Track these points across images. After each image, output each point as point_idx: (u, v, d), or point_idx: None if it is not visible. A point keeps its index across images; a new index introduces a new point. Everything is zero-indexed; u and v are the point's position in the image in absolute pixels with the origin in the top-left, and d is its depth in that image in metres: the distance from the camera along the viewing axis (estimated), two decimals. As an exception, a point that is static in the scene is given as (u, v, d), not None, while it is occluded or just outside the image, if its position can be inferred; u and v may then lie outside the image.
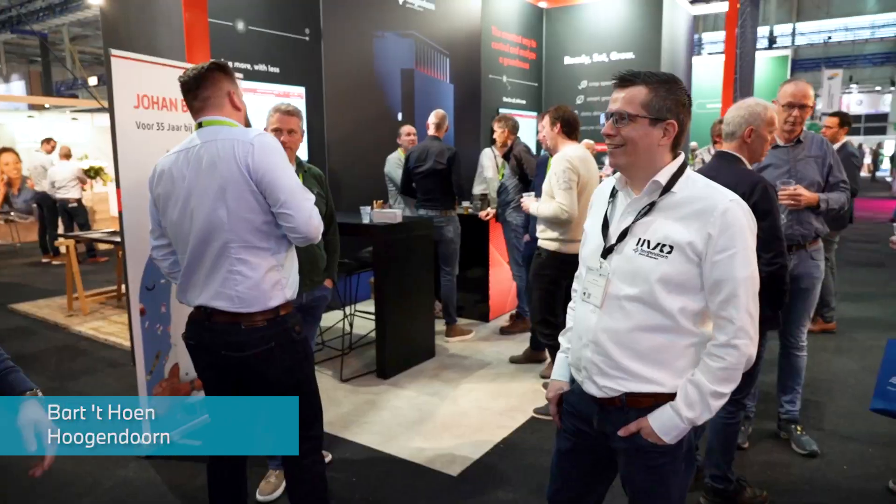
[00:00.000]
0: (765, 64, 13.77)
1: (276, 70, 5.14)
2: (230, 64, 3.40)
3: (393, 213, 4.15)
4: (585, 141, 8.07)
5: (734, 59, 7.85)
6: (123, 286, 5.96)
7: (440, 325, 4.99)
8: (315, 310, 2.98)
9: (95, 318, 5.85)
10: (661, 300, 1.39)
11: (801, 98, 2.74)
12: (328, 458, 3.01)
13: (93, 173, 10.97)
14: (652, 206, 1.44)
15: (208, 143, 1.93)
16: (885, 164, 26.95)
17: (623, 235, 1.47)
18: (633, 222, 1.46)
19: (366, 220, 4.17)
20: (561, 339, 1.73)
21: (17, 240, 10.54)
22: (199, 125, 2.01)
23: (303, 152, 5.34)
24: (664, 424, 1.42)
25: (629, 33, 8.72)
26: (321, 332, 4.80)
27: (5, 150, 10.11)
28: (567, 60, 9.24)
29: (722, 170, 2.36)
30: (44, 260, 9.01)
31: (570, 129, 3.54)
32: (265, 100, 4.88)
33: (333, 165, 5.69)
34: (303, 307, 2.72)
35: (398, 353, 4.23)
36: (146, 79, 3.05)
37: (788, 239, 2.78)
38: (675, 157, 1.47)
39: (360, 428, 3.40)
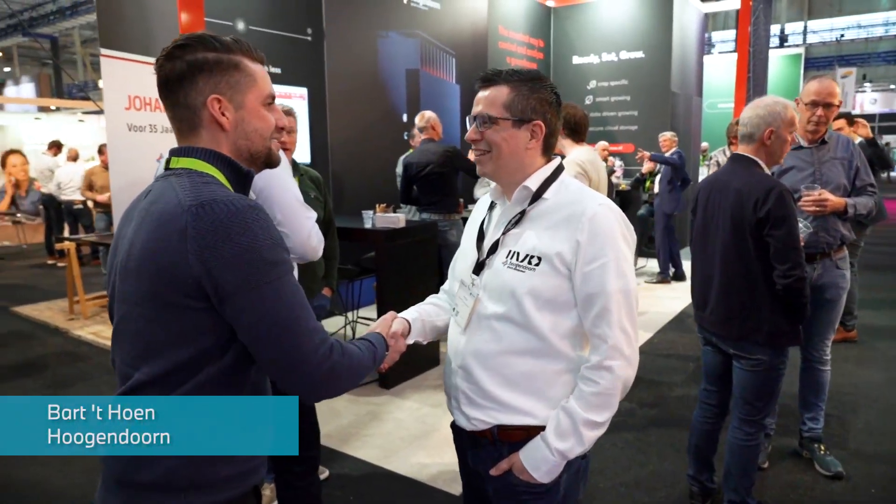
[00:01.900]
0: (777, 63, 13.55)
1: (278, 70, 5.02)
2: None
3: (395, 217, 4.02)
4: (600, 143, 7.92)
5: (747, 58, 7.65)
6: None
7: (445, 332, 4.85)
8: None
9: (96, 321, 5.76)
10: (531, 317, 1.26)
11: (826, 97, 2.57)
12: (325, 474, 2.89)
13: (98, 175, 10.94)
14: (523, 214, 1.32)
15: None
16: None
17: (494, 248, 1.34)
18: (504, 233, 1.34)
19: (368, 225, 4.05)
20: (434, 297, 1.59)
21: (23, 241, 10.53)
22: None
23: (305, 155, 5.23)
24: (534, 458, 1.27)
25: (639, 32, 8.55)
26: (323, 339, 4.67)
27: (13, 151, 10.02)
28: (576, 60, 9.09)
29: (736, 174, 2.22)
30: (49, 261, 8.96)
31: (575, 131, 3.35)
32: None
33: (336, 168, 5.57)
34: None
35: (401, 362, 3.99)
36: (139, 79, 2.96)
37: (813, 247, 2.62)
38: (548, 161, 1.35)
39: (360, 441, 3.27)
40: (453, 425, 1.46)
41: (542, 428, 1.29)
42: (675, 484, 2.77)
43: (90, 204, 9.10)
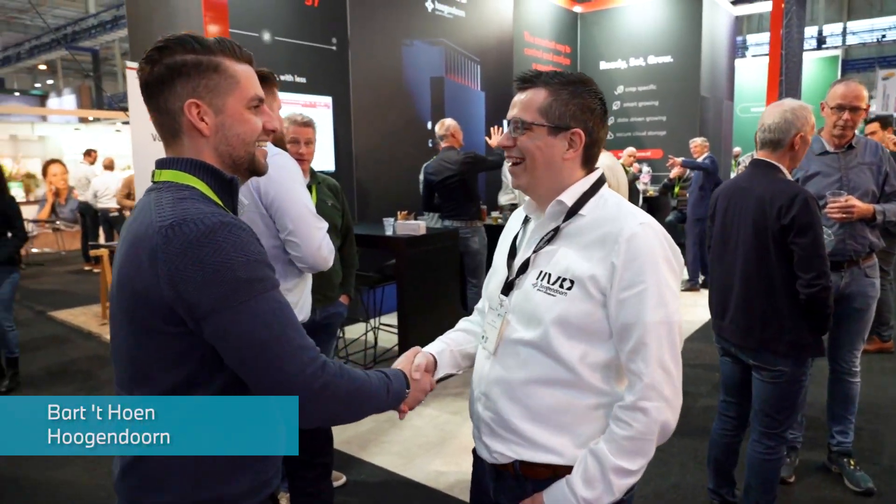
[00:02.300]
0: (813, 65, 13.22)
1: (303, 80, 5.10)
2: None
3: (416, 224, 4.04)
4: (628, 149, 7.85)
5: (779, 61, 7.49)
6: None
7: (467, 340, 4.84)
8: (329, 326, 2.86)
9: (128, 327, 5.90)
10: (558, 346, 1.15)
11: (853, 100, 2.50)
12: (342, 480, 2.90)
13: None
14: (557, 231, 1.21)
15: None
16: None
17: (525, 267, 1.24)
18: (535, 251, 1.23)
19: (388, 232, 4.07)
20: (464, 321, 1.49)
21: (62, 248, 10.89)
22: None
23: (329, 163, 5.29)
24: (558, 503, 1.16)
25: (667, 36, 8.45)
26: (346, 345, 4.71)
27: (53, 161, 10.43)
28: (603, 65, 9.02)
29: (758, 180, 2.17)
30: (85, 268, 9.24)
31: None
32: (291, 110, 4.83)
33: (361, 176, 5.62)
34: (316, 324, 2.62)
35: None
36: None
37: (840, 255, 2.55)
38: (588, 173, 1.24)
39: (378, 448, 3.28)
40: (475, 453, 1.38)
41: (570, 468, 1.17)
42: (696, 497, 2.70)
43: (126, 213, 9.37)
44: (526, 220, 1.36)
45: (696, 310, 5.99)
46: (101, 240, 8.98)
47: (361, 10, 5.52)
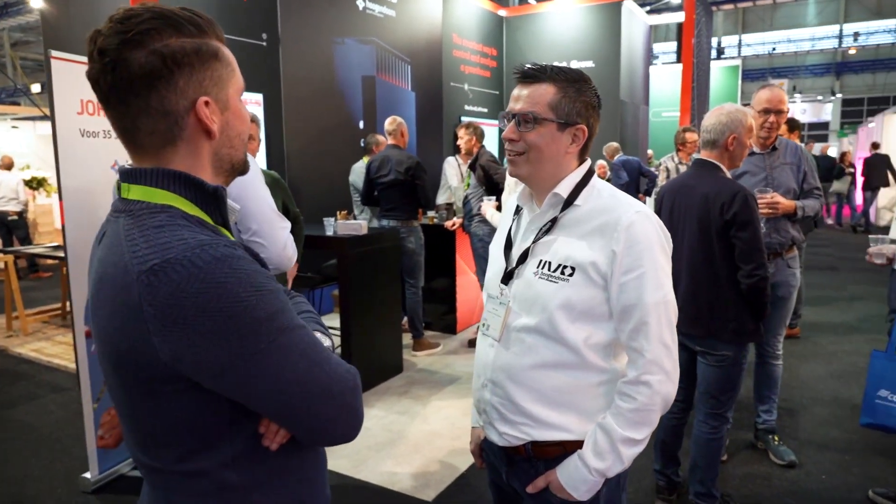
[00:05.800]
0: (716, 73, 14.15)
1: (232, 76, 4.91)
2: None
3: (358, 224, 4.00)
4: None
5: (692, 69, 7.97)
6: (68, 303, 5.61)
7: (407, 339, 4.84)
8: None
9: (37, 338, 5.48)
10: (563, 331, 1.21)
11: (777, 104, 2.72)
12: (294, 486, 2.83)
13: (35, 184, 10.46)
14: (554, 222, 1.27)
15: None
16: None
17: (524, 257, 1.29)
18: (534, 241, 1.28)
19: (329, 232, 4.01)
20: None
21: (-49, 255, 9.92)
22: None
23: (262, 162, 5.13)
24: (572, 477, 1.23)
25: (588, 42, 8.79)
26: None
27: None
28: (528, 69, 9.25)
29: (702, 178, 2.31)
30: (-19, 276, 8.47)
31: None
32: (221, 107, 4.66)
33: (293, 174, 5.49)
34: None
35: (365, 370, 4.06)
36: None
37: (766, 247, 2.75)
38: (579, 165, 1.29)
39: (328, 451, 3.21)
40: (485, 440, 1.42)
41: (578, 443, 1.25)
42: (641, 479, 2.84)
43: (27, 216, 8.68)
44: (517, 211, 1.40)
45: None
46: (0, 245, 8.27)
47: (292, 5, 5.39)
